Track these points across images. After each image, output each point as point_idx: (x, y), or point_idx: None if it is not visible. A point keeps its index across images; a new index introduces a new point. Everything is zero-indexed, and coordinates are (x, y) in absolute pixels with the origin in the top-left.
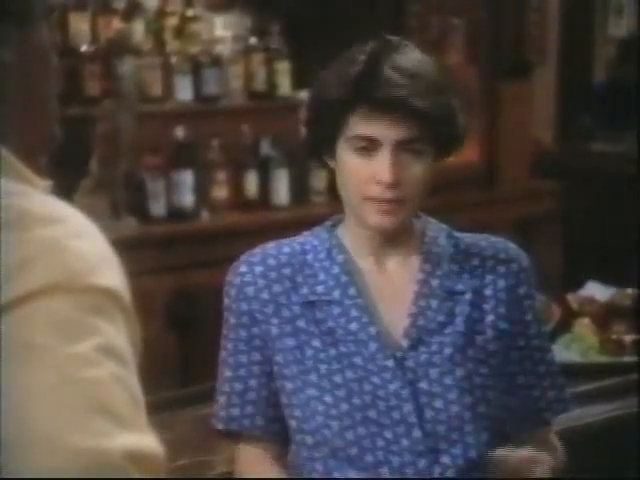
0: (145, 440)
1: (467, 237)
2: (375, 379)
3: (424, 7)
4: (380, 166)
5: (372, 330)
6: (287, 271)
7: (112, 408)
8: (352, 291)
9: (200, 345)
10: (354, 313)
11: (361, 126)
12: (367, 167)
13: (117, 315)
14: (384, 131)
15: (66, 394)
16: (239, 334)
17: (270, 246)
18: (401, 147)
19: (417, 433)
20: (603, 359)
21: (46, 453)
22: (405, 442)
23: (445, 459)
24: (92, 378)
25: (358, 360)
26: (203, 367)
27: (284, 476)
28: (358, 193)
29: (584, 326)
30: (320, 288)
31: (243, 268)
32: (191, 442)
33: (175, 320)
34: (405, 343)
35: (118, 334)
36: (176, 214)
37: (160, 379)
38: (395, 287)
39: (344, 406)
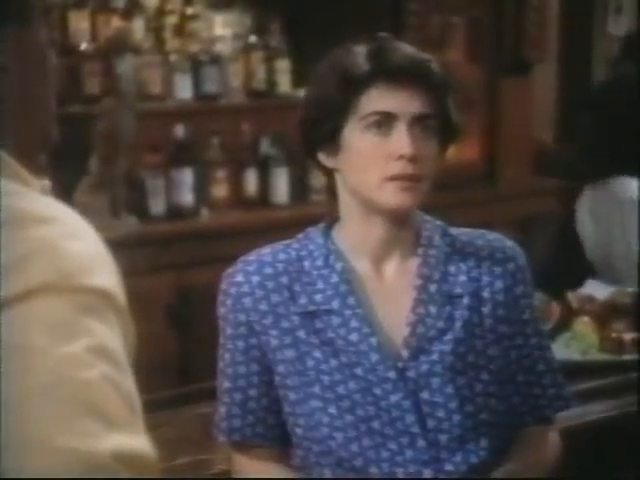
0: (135, 441)
1: (463, 235)
2: (377, 390)
3: (424, 5)
4: (399, 141)
5: (373, 341)
6: (284, 280)
7: (102, 409)
8: (351, 300)
9: (200, 343)
10: (354, 323)
11: (377, 101)
12: (385, 145)
13: (110, 316)
14: (401, 105)
15: (57, 395)
16: (237, 345)
17: (265, 252)
18: (415, 123)
19: (421, 443)
20: (603, 357)
21: (35, 453)
22: (410, 453)
23: (448, 467)
24: (83, 379)
25: (359, 371)
26: (203, 365)
27: (285, 476)
28: (377, 174)
29: (584, 324)
30: (319, 297)
31: (239, 277)
32: (191, 440)
33: (175, 318)
34: (405, 353)
35: (111, 335)
36: (176, 212)
37: (160, 377)
38: (393, 294)
39: (348, 417)
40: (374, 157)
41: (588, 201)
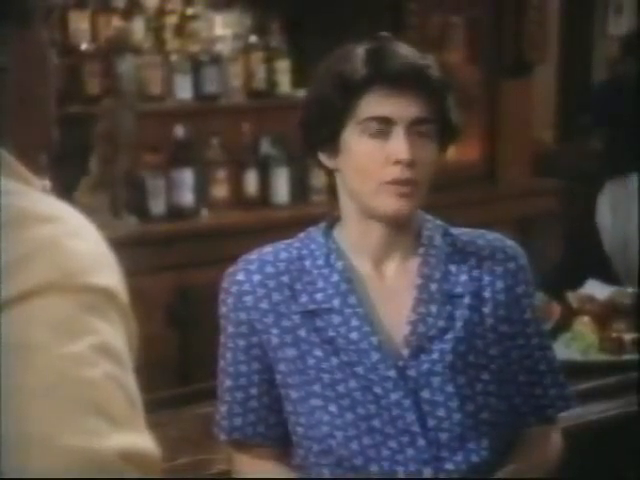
0: (140, 440)
1: (464, 234)
2: (377, 389)
3: (423, 5)
4: (396, 146)
5: (373, 340)
6: (286, 279)
7: (107, 408)
8: (352, 299)
9: (200, 343)
10: (354, 322)
11: (375, 107)
12: (382, 149)
13: (113, 315)
14: (398, 110)
15: (61, 394)
16: (238, 343)
17: (266, 251)
18: (413, 127)
19: (421, 442)
20: (603, 357)
21: (40, 453)
22: (410, 452)
23: (449, 466)
24: (87, 378)
25: (360, 370)
26: (203, 365)
27: (286, 476)
28: (374, 179)
29: (584, 324)
30: (319, 296)
31: (240, 276)
32: (191, 440)
33: (175, 318)
34: (406, 352)
35: (114, 334)
36: (176, 213)
37: (160, 377)
38: (394, 293)
39: (349, 416)
40: (372, 162)
41: (609, 195)
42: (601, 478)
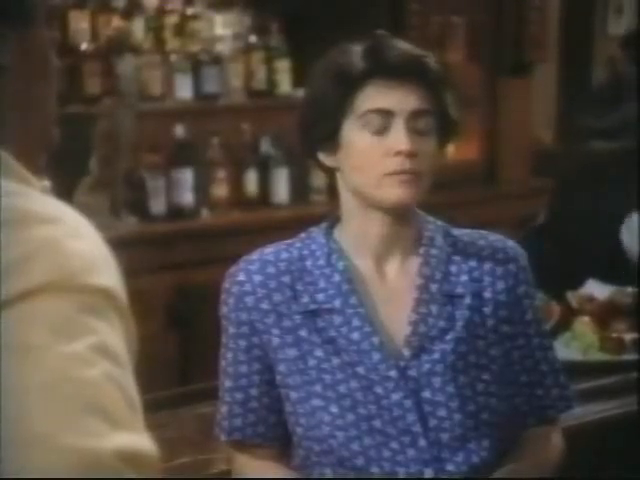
0: (138, 440)
1: (465, 235)
2: (378, 389)
3: (424, 5)
4: (396, 137)
5: (375, 340)
6: (287, 279)
7: (106, 408)
8: (353, 300)
9: (200, 343)
10: (356, 322)
11: (374, 99)
12: (382, 142)
13: (113, 315)
14: (398, 102)
15: (60, 393)
16: (238, 344)
17: (267, 252)
18: (413, 119)
19: (422, 442)
20: (603, 357)
21: (39, 453)
22: (411, 452)
23: (450, 467)
24: (86, 378)
25: (361, 370)
26: (203, 365)
27: (286, 476)
28: (375, 172)
29: (584, 324)
30: (321, 296)
31: (241, 277)
32: (191, 440)
33: (175, 318)
34: (407, 352)
35: (113, 334)
36: (176, 212)
37: (160, 377)
38: (395, 293)
39: (350, 416)
40: (372, 155)
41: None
42: (601, 478)
